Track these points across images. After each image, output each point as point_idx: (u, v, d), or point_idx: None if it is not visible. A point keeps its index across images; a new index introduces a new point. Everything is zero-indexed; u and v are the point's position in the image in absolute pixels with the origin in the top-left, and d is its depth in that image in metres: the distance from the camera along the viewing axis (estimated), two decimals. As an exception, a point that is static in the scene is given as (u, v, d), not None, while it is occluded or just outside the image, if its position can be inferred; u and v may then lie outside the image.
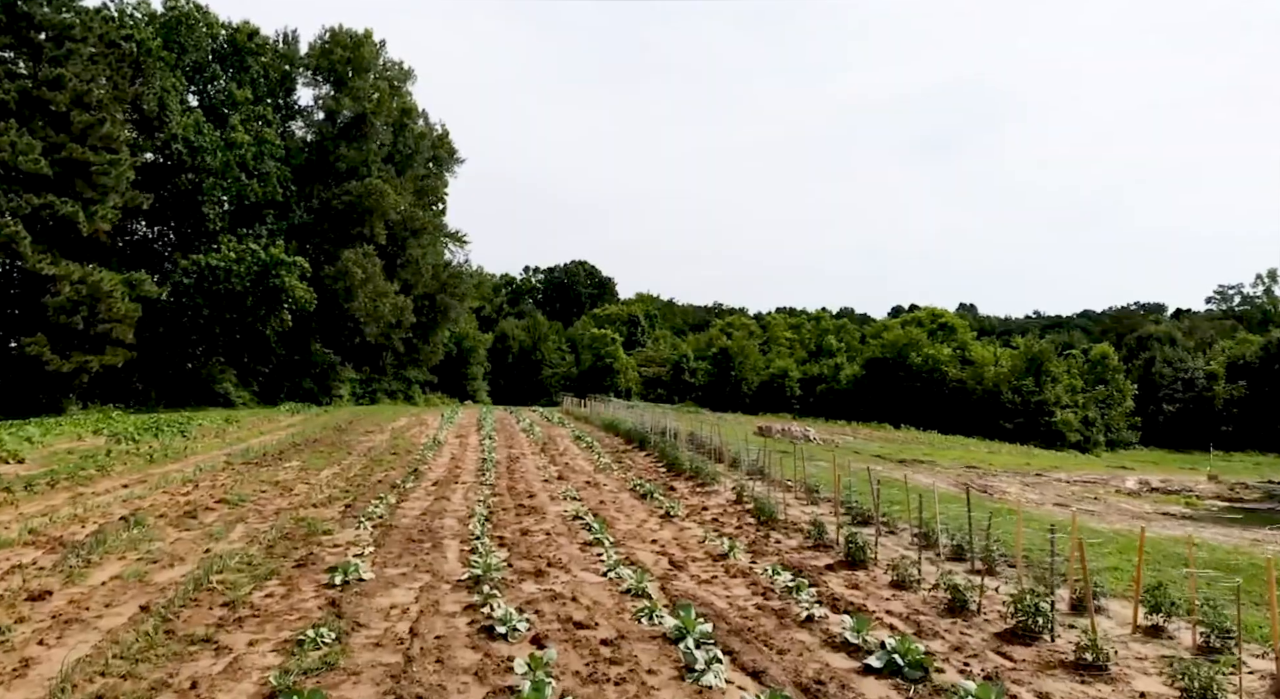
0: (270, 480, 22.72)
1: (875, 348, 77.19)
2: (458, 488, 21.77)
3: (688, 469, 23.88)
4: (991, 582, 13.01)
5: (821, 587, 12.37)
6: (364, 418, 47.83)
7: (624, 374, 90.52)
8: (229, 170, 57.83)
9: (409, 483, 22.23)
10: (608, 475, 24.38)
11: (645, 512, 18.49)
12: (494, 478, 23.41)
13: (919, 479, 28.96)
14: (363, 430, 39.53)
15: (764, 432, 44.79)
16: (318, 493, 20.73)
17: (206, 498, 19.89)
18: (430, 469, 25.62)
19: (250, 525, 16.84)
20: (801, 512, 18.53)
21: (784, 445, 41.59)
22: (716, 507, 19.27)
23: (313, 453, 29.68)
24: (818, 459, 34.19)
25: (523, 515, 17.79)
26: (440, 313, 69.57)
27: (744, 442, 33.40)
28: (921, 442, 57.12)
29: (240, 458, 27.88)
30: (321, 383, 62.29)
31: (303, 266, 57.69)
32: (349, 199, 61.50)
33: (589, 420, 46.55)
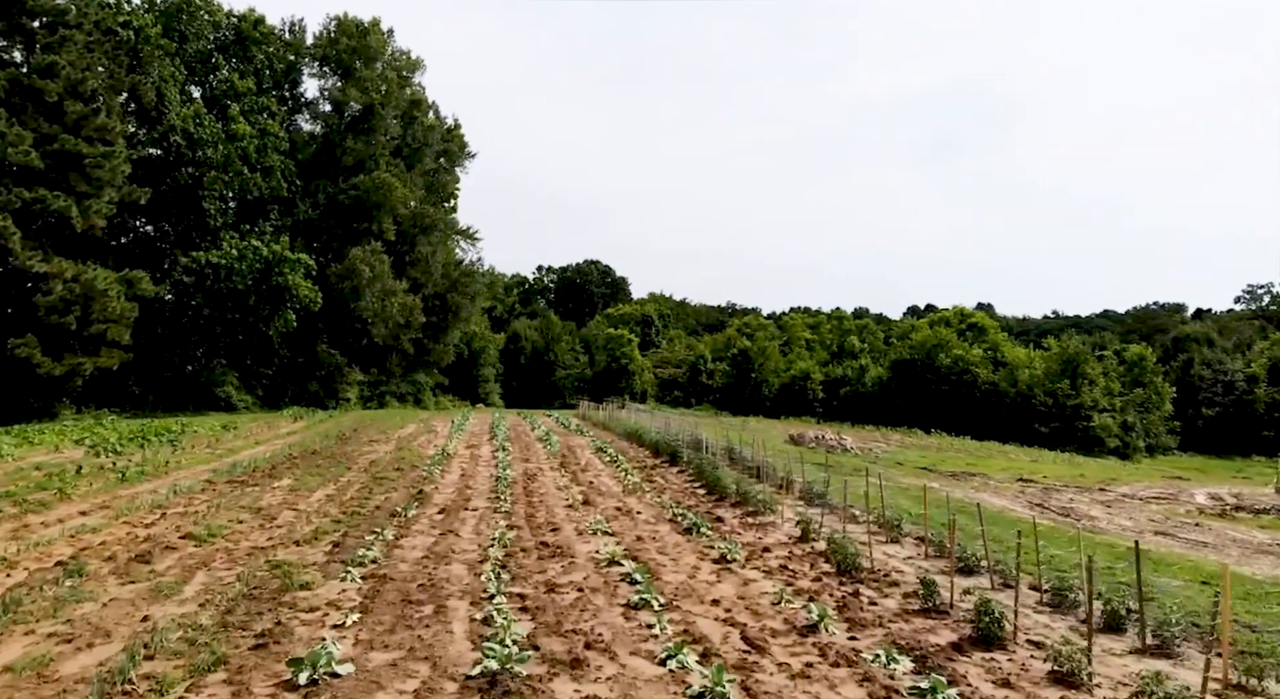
0: (252, 506, 19.45)
1: (902, 349, 73.47)
2: (468, 517, 18.45)
3: (732, 493, 20.48)
4: (1183, 671, 9.60)
5: (961, 684, 8.98)
6: (370, 424, 44.64)
7: (639, 376, 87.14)
8: (231, 164, 54.75)
9: (411, 509, 18.92)
10: (640, 499, 21.01)
11: (694, 553, 15.10)
12: (510, 502, 20.07)
13: (987, 500, 25.52)
14: (367, 439, 36.30)
15: (797, 440, 41.35)
16: (304, 524, 17.45)
17: (171, 532, 16.64)
18: (437, 489, 22.32)
19: (213, 573, 13.56)
20: (885, 554, 15.11)
21: (820, 456, 38.17)
22: (778, 545, 15.86)
23: (308, 468, 26.44)
24: (862, 472, 30.74)
25: (546, 560, 14.43)
26: (451, 313, 66.38)
27: (777, 452, 30.06)
28: (958, 449, 53.54)
29: (226, 475, 24.65)
30: (327, 386, 59.20)
31: (307, 264, 54.60)
32: (356, 194, 58.36)
33: (609, 427, 43.20)
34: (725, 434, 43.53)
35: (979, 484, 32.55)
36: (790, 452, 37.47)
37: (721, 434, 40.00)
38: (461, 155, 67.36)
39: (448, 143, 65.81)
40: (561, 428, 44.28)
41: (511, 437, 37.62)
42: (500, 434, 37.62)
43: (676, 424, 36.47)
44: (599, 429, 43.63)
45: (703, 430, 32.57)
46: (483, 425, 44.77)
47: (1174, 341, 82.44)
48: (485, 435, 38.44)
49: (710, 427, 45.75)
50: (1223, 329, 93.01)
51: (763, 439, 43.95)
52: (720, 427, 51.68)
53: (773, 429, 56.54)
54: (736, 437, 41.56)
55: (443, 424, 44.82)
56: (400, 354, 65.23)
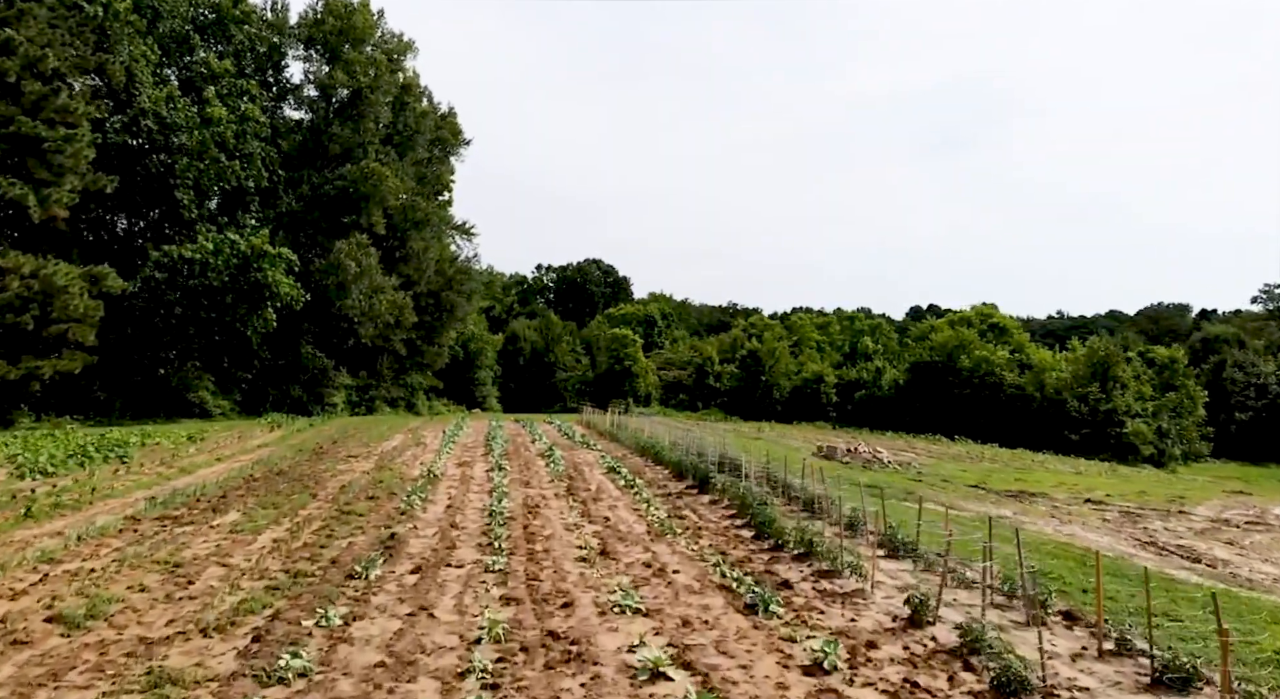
0: (170, 561, 14.71)
1: (921, 350, 68.86)
2: (449, 579, 13.72)
3: (793, 540, 15.76)
4: None
5: None
6: (353, 434, 39.89)
7: (643, 378, 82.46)
8: (206, 151, 49.97)
9: (377, 565, 14.17)
10: (671, 546, 16.27)
11: (770, 652, 10.37)
12: (506, 553, 15.35)
13: (1086, 538, 20.86)
14: (345, 454, 31.55)
15: (828, 453, 36.66)
16: (227, 593, 12.71)
17: (38, 607, 11.90)
18: (415, 530, 17.60)
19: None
20: (1042, 648, 10.33)
21: (857, 471, 33.52)
22: (884, 634, 11.13)
23: (266, 495, 21.69)
24: (914, 496, 26.08)
25: (557, 667, 9.70)
26: (445, 312, 61.65)
27: (811, 469, 25.50)
28: (991, 459, 48.89)
29: (161, 507, 19.89)
30: (312, 390, 54.45)
31: (289, 259, 49.83)
32: (343, 184, 53.61)
33: (617, 438, 38.49)
34: (743, 445, 38.88)
35: (1050, 508, 27.88)
36: (826, 469, 32.80)
37: (742, 446, 35.32)
38: (456, 144, 62.60)
39: (441, 130, 61.04)
40: (564, 439, 39.56)
41: (509, 451, 32.89)
42: (497, 448, 32.89)
43: (694, 437, 31.80)
44: (606, 440, 38.93)
45: (729, 445, 27.87)
46: (478, 436, 40.04)
47: (1203, 343, 77.93)
48: (480, 449, 33.71)
49: (729, 439, 41.06)
50: (1250, 330, 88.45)
51: (786, 452, 39.29)
52: (738, 436, 47.01)
53: (791, 437, 51.86)
54: (761, 450, 36.93)
55: (433, 434, 40.08)
56: (391, 356, 60.53)
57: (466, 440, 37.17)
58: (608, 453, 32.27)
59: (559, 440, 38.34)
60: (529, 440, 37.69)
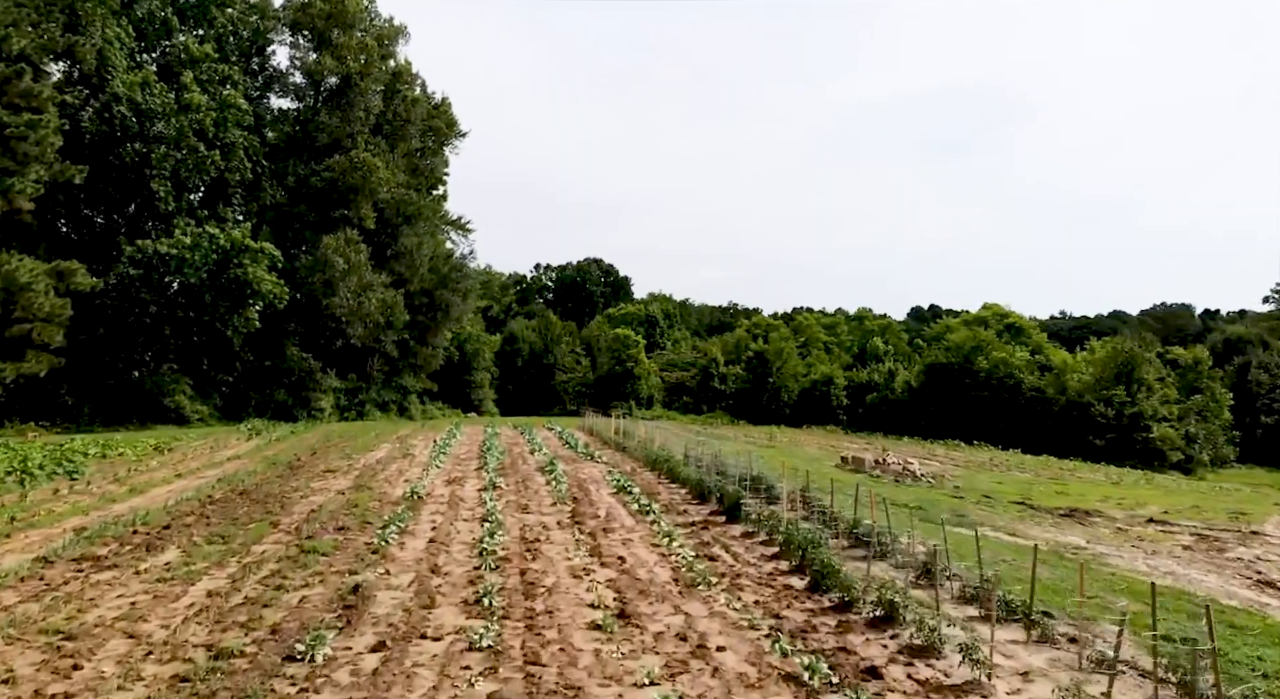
0: (63, 629, 11.22)
1: (937, 352, 65.37)
2: (422, 662, 10.24)
3: (863, 599, 12.31)
4: None
5: None
6: (336, 443, 36.43)
7: (646, 380, 78.99)
8: (184, 139, 46.46)
9: (326, 641, 10.69)
10: (709, 605, 12.76)
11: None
12: (497, 616, 11.88)
13: (1184, 573, 17.46)
14: (323, 468, 28.08)
15: (854, 465, 33.17)
16: (114, 691, 9.28)
17: None
18: (388, 576, 14.13)
19: None
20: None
21: (888, 486, 30.10)
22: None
23: (218, 525, 18.23)
24: (961, 518, 22.72)
25: None
26: (440, 311, 58.15)
27: (841, 484, 22.19)
28: (1019, 467, 45.48)
29: (86, 543, 16.41)
30: (297, 394, 50.93)
31: (272, 255, 46.33)
32: (331, 176, 50.11)
33: (624, 448, 35.03)
34: (759, 455, 35.44)
35: (1115, 531, 24.47)
36: (846, 479, 29.42)
37: (763, 460, 31.90)
38: (450, 135, 59.07)
39: (434, 119, 57.51)
40: (566, 448, 36.10)
41: (506, 464, 29.42)
42: (492, 460, 29.41)
43: (711, 450, 28.41)
44: (612, 450, 35.49)
45: (754, 459, 24.44)
46: (472, 445, 36.58)
47: (1225, 344, 74.60)
48: (473, 461, 30.23)
49: (752, 452, 37.63)
50: (1272, 331, 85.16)
51: (805, 463, 35.89)
52: (749, 442, 43.62)
53: (806, 445, 48.45)
54: (779, 461, 33.54)
55: (424, 443, 36.61)
56: (382, 357, 57.03)
57: (459, 451, 33.69)
58: (615, 466, 28.81)
59: (560, 450, 34.88)
60: (527, 450, 34.24)
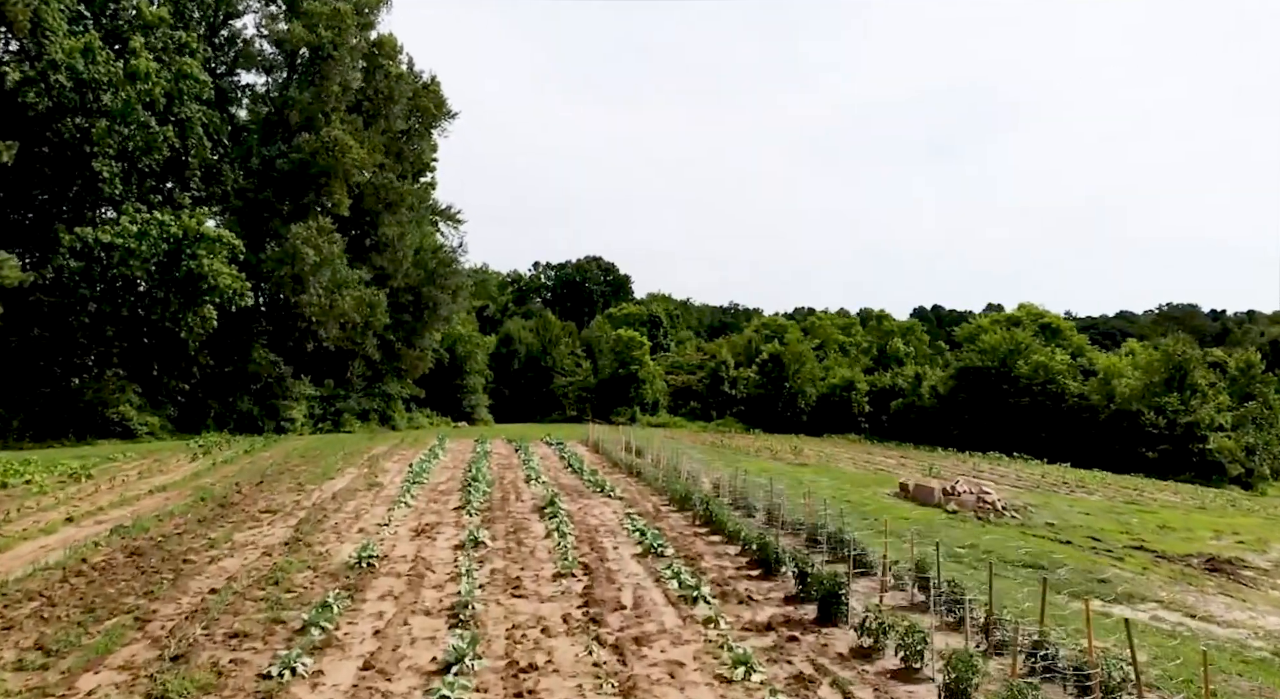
0: None
1: (970, 355, 59.10)
2: None
3: None
4: None
5: None
6: (295, 466, 30.04)
7: (651, 384, 72.66)
8: (131, 113, 40.01)
9: None
10: None
11: None
12: None
13: None
14: (262, 506, 21.74)
15: (920, 495, 26.81)
16: None
17: None
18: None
19: None
20: None
21: (969, 526, 23.86)
22: None
23: (56, 628, 11.91)
24: (1104, 580, 16.56)
25: None
26: (427, 310, 51.75)
27: (921, 528, 16.05)
28: (1079, 485, 39.27)
29: None
30: (265, 403, 44.51)
31: (231, 244, 39.90)
32: (300, 157, 43.67)
33: (639, 473, 28.61)
34: (793, 476, 29.25)
35: None
36: (903, 514, 23.19)
37: (788, 478, 25.62)
38: (439, 115, 52.62)
39: (420, 98, 51.08)
40: (569, 472, 29.76)
41: (495, 500, 23.05)
42: (477, 494, 23.04)
43: (757, 483, 22.17)
44: (624, 475, 29.14)
45: (829, 507, 18.17)
46: (456, 468, 30.23)
47: (1272, 345, 68.56)
48: (454, 495, 23.87)
49: (775, 468, 31.38)
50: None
51: (855, 489, 29.63)
52: (776, 461, 37.39)
53: (839, 459, 42.12)
54: (826, 489, 27.38)
55: (398, 466, 30.25)
56: (363, 361, 50.63)
57: (439, 478, 27.30)
58: (633, 504, 22.47)
59: (562, 475, 28.54)
60: (522, 476, 27.88)
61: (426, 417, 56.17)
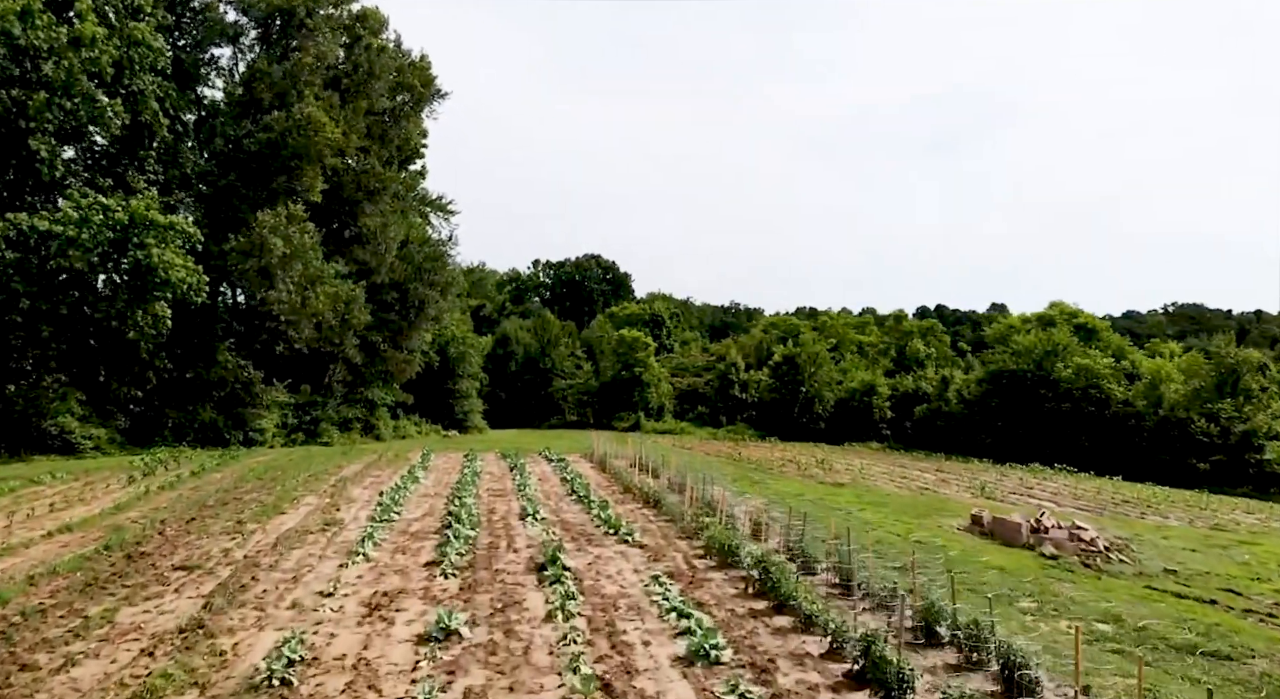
0: None
1: (1003, 357, 53.92)
2: None
3: None
4: None
5: None
6: (244, 493, 24.77)
7: (656, 387, 67.45)
8: (74, 84, 34.72)
9: None
10: None
11: None
12: None
13: None
14: (178, 559, 16.49)
15: (1006, 535, 21.62)
16: None
17: None
18: None
19: None
20: None
21: (1084, 580, 18.75)
22: None
23: None
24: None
25: None
26: (414, 308, 46.45)
27: (1012, 582, 11.01)
28: (1148, 504, 34.13)
29: None
30: (231, 412, 39.22)
31: (185, 232, 34.61)
32: (269, 137, 38.39)
33: (659, 504, 23.29)
34: (835, 501, 24.07)
35: None
36: (1043, 580, 18.03)
37: (826, 505, 20.46)
38: (427, 95, 47.28)
39: (406, 75, 45.74)
40: (574, 502, 24.51)
41: (481, 548, 17.79)
42: (459, 540, 17.79)
43: (761, 493, 17.05)
44: (643, 506, 23.87)
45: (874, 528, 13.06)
46: (437, 495, 25.00)
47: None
48: (428, 542, 18.60)
49: (809, 491, 26.14)
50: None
51: (912, 521, 24.48)
52: (806, 482, 32.14)
53: (874, 476, 36.89)
54: (889, 524, 22.29)
55: (368, 493, 25.01)
56: (344, 365, 45.34)
57: (414, 514, 22.03)
58: (658, 556, 17.24)
59: (565, 509, 23.30)
60: (516, 511, 22.66)
61: (415, 425, 50.90)
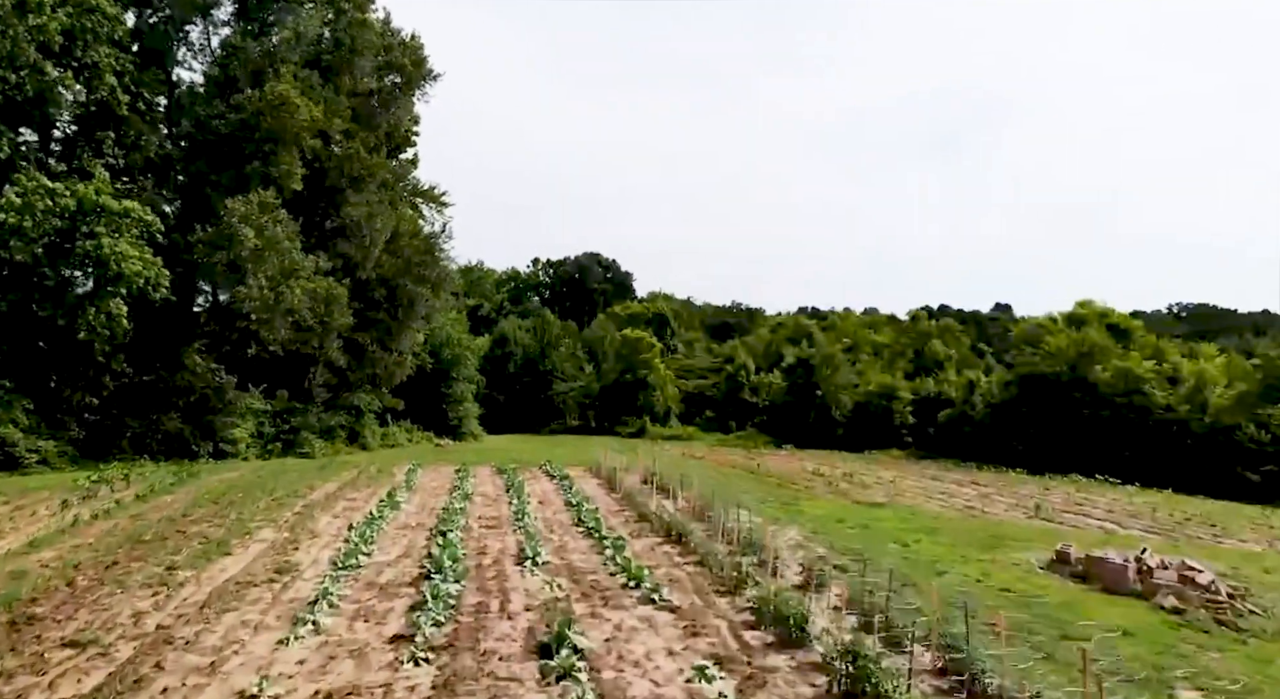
0: None
1: (1035, 359, 49.98)
2: None
3: None
4: None
5: None
6: (189, 526, 20.63)
7: (662, 390, 63.48)
8: (19, 55, 30.71)
9: None
10: None
11: None
12: None
13: None
14: (73, 630, 12.43)
15: (1102, 576, 17.67)
16: None
17: None
18: None
19: None
20: None
21: (1220, 644, 14.79)
22: None
23: None
24: None
25: None
26: (404, 307, 42.39)
27: None
28: (1220, 527, 30.17)
29: None
30: (199, 421, 35.19)
31: (143, 220, 30.59)
32: (240, 117, 34.34)
33: (687, 543, 19.18)
34: (877, 525, 20.07)
35: None
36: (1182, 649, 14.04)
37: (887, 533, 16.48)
38: (418, 77, 43.21)
39: (395, 53, 41.64)
40: (583, 535, 20.43)
41: (466, 612, 13.67)
42: (437, 603, 13.78)
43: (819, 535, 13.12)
44: (666, 542, 19.78)
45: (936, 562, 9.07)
46: (419, 528, 20.89)
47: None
48: (402, 593, 14.55)
49: (846, 513, 22.07)
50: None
51: (974, 554, 20.47)
52: (835, 501, 28.03)
53: (904, 489, 32.84)
54: (905, 544, 18.34)
55: (338, 523, 20.93)
56: (328, 368, 41.30)
57: (387, 553, 17.93)
58: (697, 625, 13.14)
59: (571, 545, 19.28)
60: (512, 548, 18.64)
61: (405, 432, 46.86)
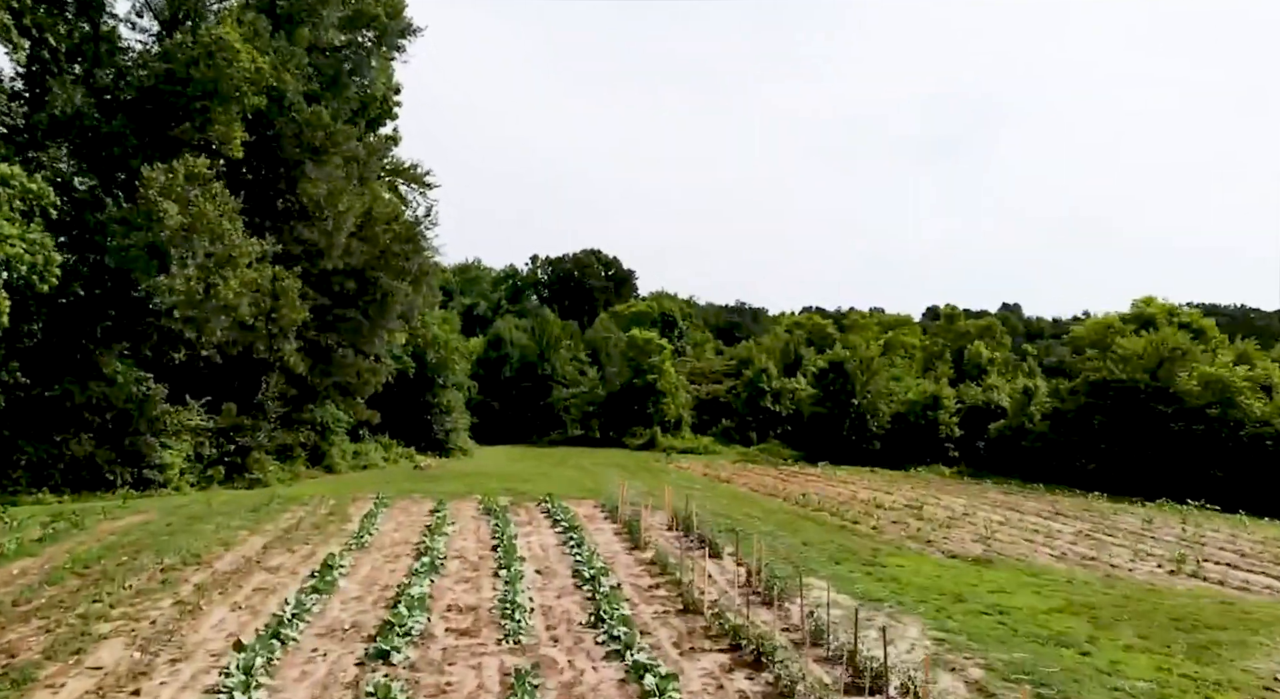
0: None
1: (1111, 365, 42.87)
2: None
3: None
4: None
5: None
6: (17, 621, 13.54)
7: (673, 397, 56.43)
8: None
9: None
10: None
11: None
12: None
13: None
14: None
15: None
16: None
17: None
18: None
19: None
20: None
21: None
22: None
23: None
24: None
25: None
26: (377, 304, 35.22)
27: None
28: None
29: None
30: (119, 443, 28.00)
31: (27, 190, 23.52)
32: (165, 67, 27.23)
33: (761, 661, 12.24)
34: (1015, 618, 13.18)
35: None
36: None
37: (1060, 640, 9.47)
38: (394, 30, 36.09)
39: (368, 3, 34.56)
40: (612, 669, 13.21)
41: None
42: None
43: None
44: (731, 664, 12.68)
45: None
46: (353, 635, 13.36)
47: None
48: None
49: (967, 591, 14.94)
50: None
51: (1151, 665, 13.39)
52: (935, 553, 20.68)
53: (975, 519, 25.70)
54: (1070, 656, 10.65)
55: (233, 623, 13.67)
56: (285, 376, 34.12)
57: (293, 695, 11.01)
58: None
59: (590, 677, 12.20)
60: (493, 685, 11.67)
61: (382, 448, 39.78)
